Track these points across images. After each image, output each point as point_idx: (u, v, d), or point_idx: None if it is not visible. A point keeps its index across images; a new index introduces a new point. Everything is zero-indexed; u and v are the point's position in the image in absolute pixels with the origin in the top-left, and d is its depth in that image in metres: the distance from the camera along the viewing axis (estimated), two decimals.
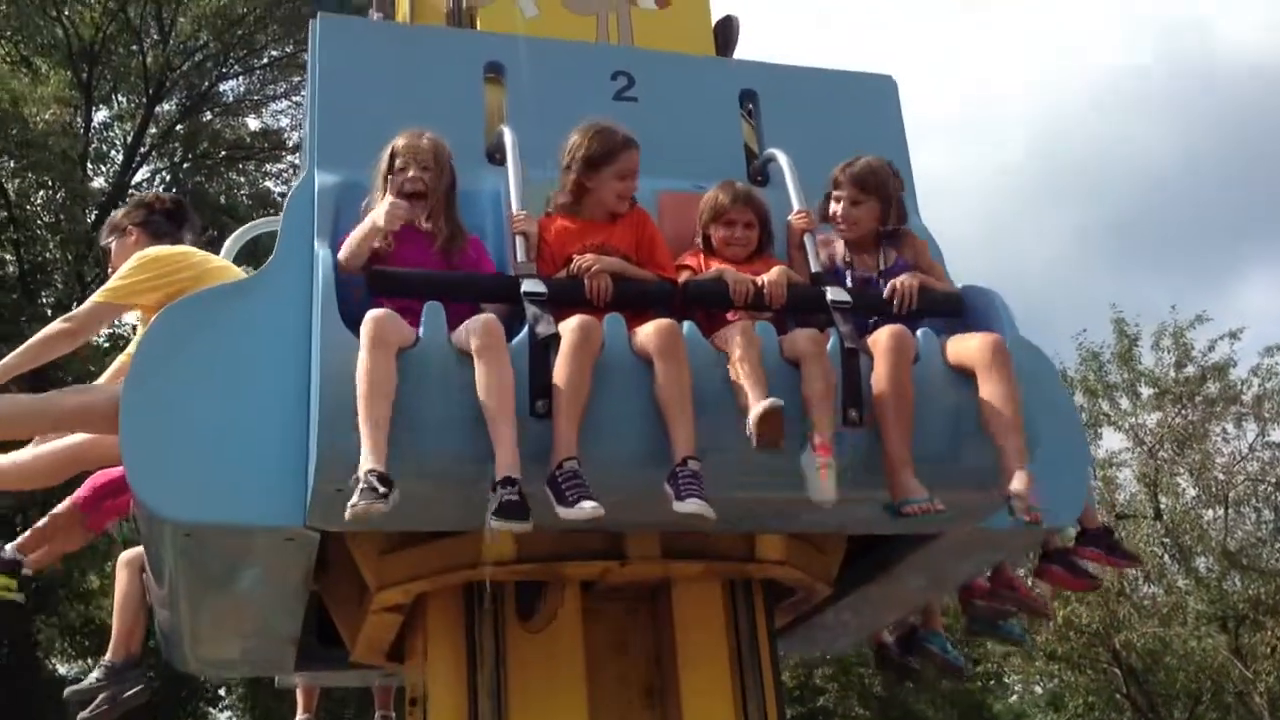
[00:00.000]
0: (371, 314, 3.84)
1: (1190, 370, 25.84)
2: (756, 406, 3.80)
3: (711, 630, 4.79)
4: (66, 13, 22.24)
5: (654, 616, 4.88)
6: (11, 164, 21.94)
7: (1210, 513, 25.64)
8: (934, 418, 4.21)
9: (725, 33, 5.83)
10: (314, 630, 5.68)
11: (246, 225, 5.17)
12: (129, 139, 23.63)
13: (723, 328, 4.18)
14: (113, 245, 5.22)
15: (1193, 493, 25.89)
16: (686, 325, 4.07)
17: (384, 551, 4.67)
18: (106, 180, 23.59)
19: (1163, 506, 25.51)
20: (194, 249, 5.03)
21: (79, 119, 22.78)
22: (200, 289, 4.49)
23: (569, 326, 3.91)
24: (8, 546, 4.99)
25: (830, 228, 4.69)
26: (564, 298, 4.08)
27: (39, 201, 23.36)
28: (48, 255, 23.74)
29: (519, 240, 4.23)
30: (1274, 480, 24.98)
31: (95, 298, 4.73)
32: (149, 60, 23.23)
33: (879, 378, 4.13)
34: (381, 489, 3.56)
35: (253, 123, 25.78)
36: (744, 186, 4.65)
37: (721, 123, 5.02)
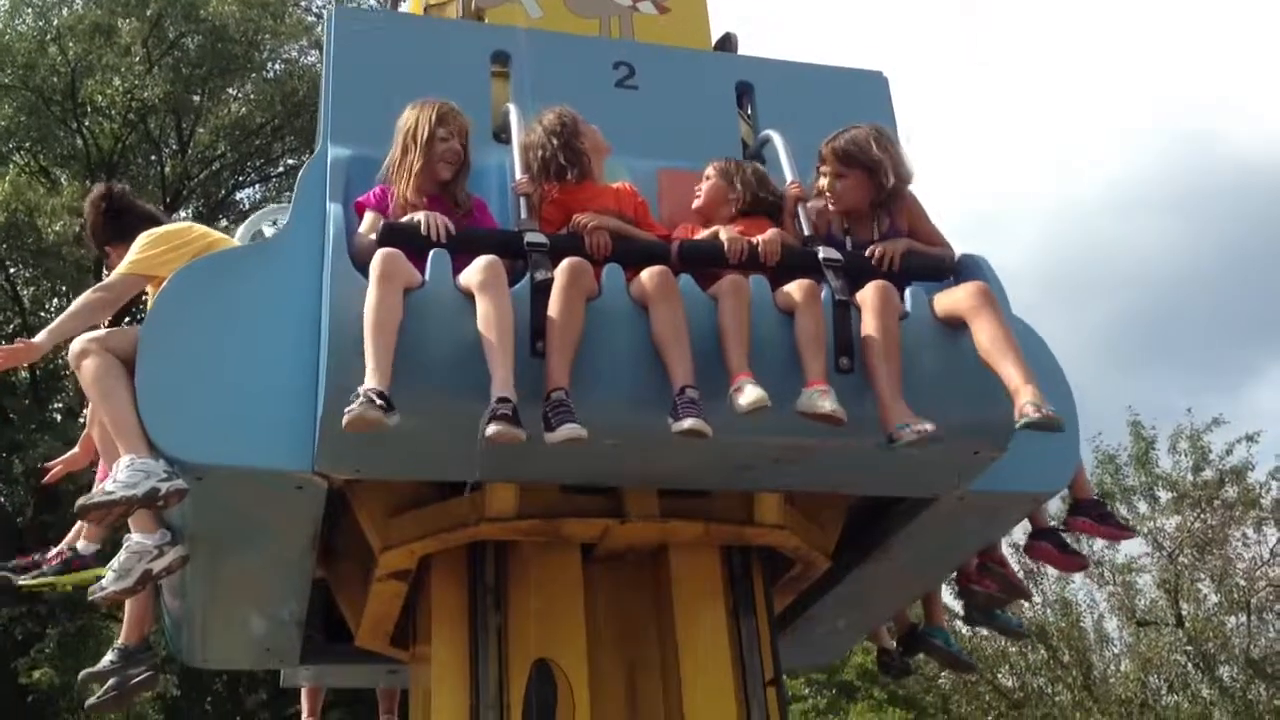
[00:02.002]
0: (380, 251, 4.04)
1: (1208, 474, 25.48)
2: (748, 394, 3.94)
3: (709, 599, 4.88)
4: (87, 124, 22.78)
5: (654, 585, 4.96)
6: (26, 272, 22.27)
7: (1233, 620, 25.16)
8: (926, 371, 4.35)
9: (724, 49, 6.10)
10: (320, 627, 5.76)
11: (256, 214, 5.39)
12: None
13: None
14: (110, 252, 5.48)
15: (1214, 599, 25.43)
16: (682, 277, 4.25)
17: (389, 514, 4.78)
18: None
19: (1184, 613, 25.15)
20: (196, 224, 5.28)
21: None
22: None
23: (560, 268, 4.11)
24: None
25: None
26: (564, 250, 4.25)
27: (52, 309, 23.64)
28: (58, 362, 23.96)
29: (522, 201, 4.47)
30: None
31: (120, 269, 4.92)
32: (167, 170, 23.76)
33: (866, 326, 4.28)
34: (379, 402, 3.69)
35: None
36: (737, 161, 4.87)
37: (718, 110, 5.27)
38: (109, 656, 5.44)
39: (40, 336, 4.66)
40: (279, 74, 23.46)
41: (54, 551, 5.31)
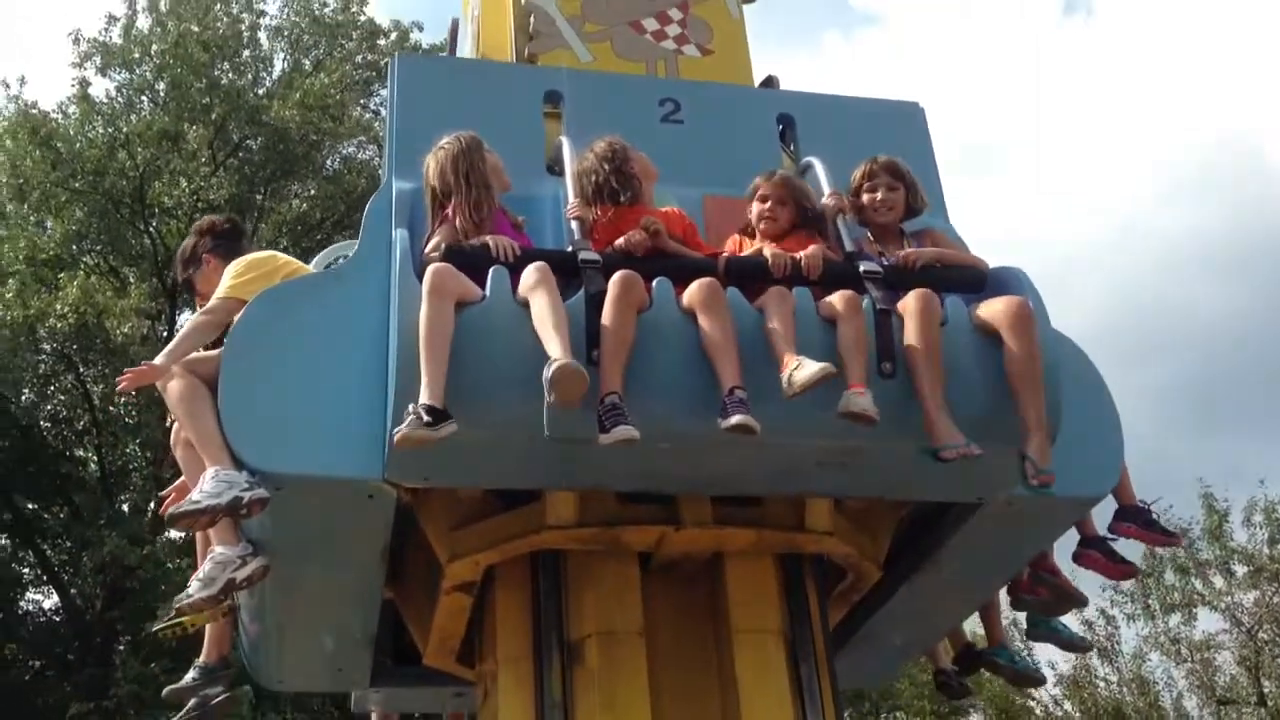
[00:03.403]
0: (431, 268, 4.33)
1: None
2: (808, 367, 4.16)
3: (765, 607, 5.04)
4: (154, 225, 23.47)
5: (710, 598, 5.13)
6: (94, 371, 22.81)
7: None
8: (965, 377, 4.55)
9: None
10: (389, 651, 5.98)
11: (331, 247, 5.74)
12: None
13: None
14: (194, 275, 5.78)
15: None
16: (729, 290, 4.50)
17: (454, 527, 5.01)
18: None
19: (1266, 691, 24.72)
20: (279, 253, 5.61)
21: (163, 323, 23.75)
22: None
23: (612, 280, 4.38)
24: None
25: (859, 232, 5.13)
26: (616, 267, 4.50)
27: (120, 405, 24.15)
28: (128, 455, 24.39)
29: (575, 224, 4.74)
30: None
31: (219, 294, 5.24)
32: None
33: (909, 333, 4.50)
34: (428, 419, 3.97)
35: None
36: (780, 170, 5.13)
37: (760, 140, 5.54)
38: (191, 674, 5.69)
39: (160, 358, 4.96)
40: (337, 170, 24.13)
41: None
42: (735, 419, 4.09)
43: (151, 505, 22.39)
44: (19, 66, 46.11)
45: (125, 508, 22.24)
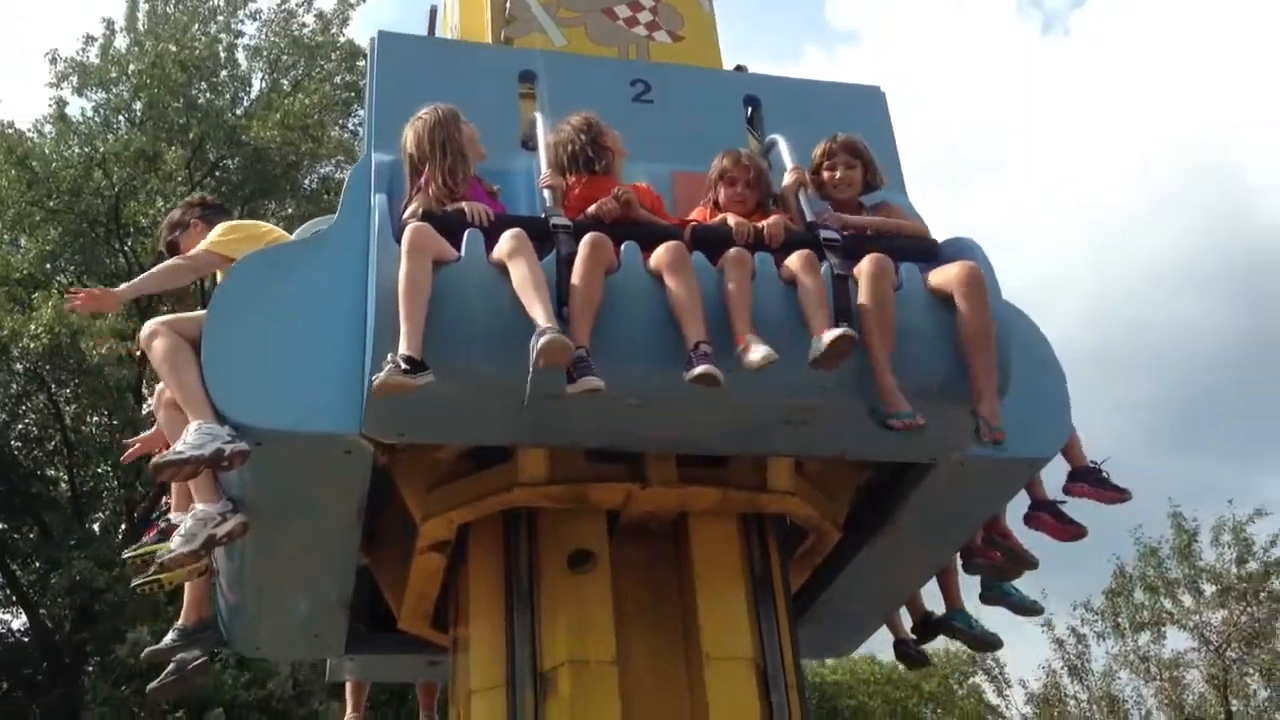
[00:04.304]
0: (411, 226, 4.53)
1: (1252, 566, 25.67)
2: (756, 350, 4.37)
3: (728, 568, 5.24)
4: (129, 244, 23.46)
5: (675, 556, 5.32)
6: (67, 391, 22.77)
7: None
8: (919, 340, 4.76)
9: None
10: (364, 619, 6.13)
11: (311, 221, 5.92)
12: None
13: None
14: (179, 237, 5.95)
15: (1265, 694, 25.37)
16: (695, 254, 4.71)
17: (429, 488, 5.19)
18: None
19: (1234, 710, 24.94)
20: (265, 222, 5.81)
21: (135, 342, 23.68)
22: None
23: (582, 241, 4.59)
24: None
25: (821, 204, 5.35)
26: (586, 231, 4.70)
27: (92, 426, 24.03)
28: (99, 476, 24.29)
29: (547, 193, 4.96)
30: None
31: (202, 247, 5.47)
32: (207, 284, 24.47)
33: (862, 293, 4.72)
34: (406, 367, 4.15)
35: None
36: (746, 151, 5.35)
37: (727, 120, 5.76)
38: (170, 636, 5.83)
39: (121, 288, 5.13)
40: (316, 190, 24.24)
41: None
42: (699, 369, 4.29)
43: (123, 527, 22.44)
44: None
45: (95, 528, 22.27)
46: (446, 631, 5.74)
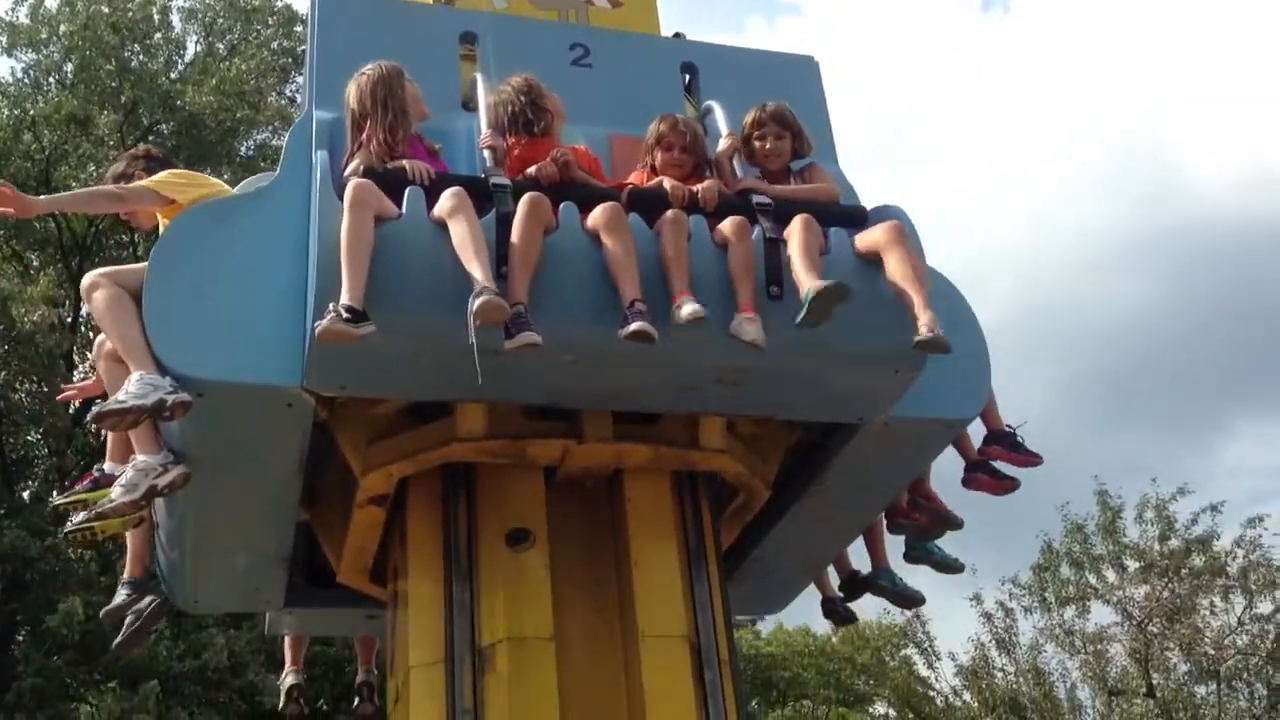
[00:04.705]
0: (353, 182, 4.61)
1: (1175, 543, 25.90)
2: (687, 308, 4.52)
3: (661, 522, 5.37)
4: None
5: (610, 515, 5.45)
6: None
7: (1203, 689, 25.41)
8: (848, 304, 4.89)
9: None
10: (303, 574, 6.22)
11: (251, 178, 5.97)
12: None
13: None
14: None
15: (1184, 668, 25.67)
16: (631, 216, 4.83)
17: (369, 441, 5.27)
18: (93, 366, 24.19)
19: (1155, 683, 25.41)
20: (210, 178, 5.84)
21: (67, 309, 23.43)
22: None
23: (521, 200, 4.70)
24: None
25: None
26: (525, 191, 4.80)
27: (23, 392, 23.72)
28: (29, 443, 24.03)
29: (487, 153, 5.05)
30: (1264, 654, 24.83)
31: (140, 183, 5.48)
32: (140, 250, 24.21)
33: (791, 248, 4.85)
34: (348, 316, 4.24)
35: None
36: (683, 116, 5.47)
37: (664, 86, 5.88)
38: (121, 592, 5.89)
39: (42, 198, 5.14)
40: (252, 157, 24.04)
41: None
42: (634, 326, 4.42)
43: (54, 495, 22.18)
44: None
45: (26, 496, 22.01)
46: (385, 586, 5.83)
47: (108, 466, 5.40)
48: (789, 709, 32.19)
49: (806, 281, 4.62)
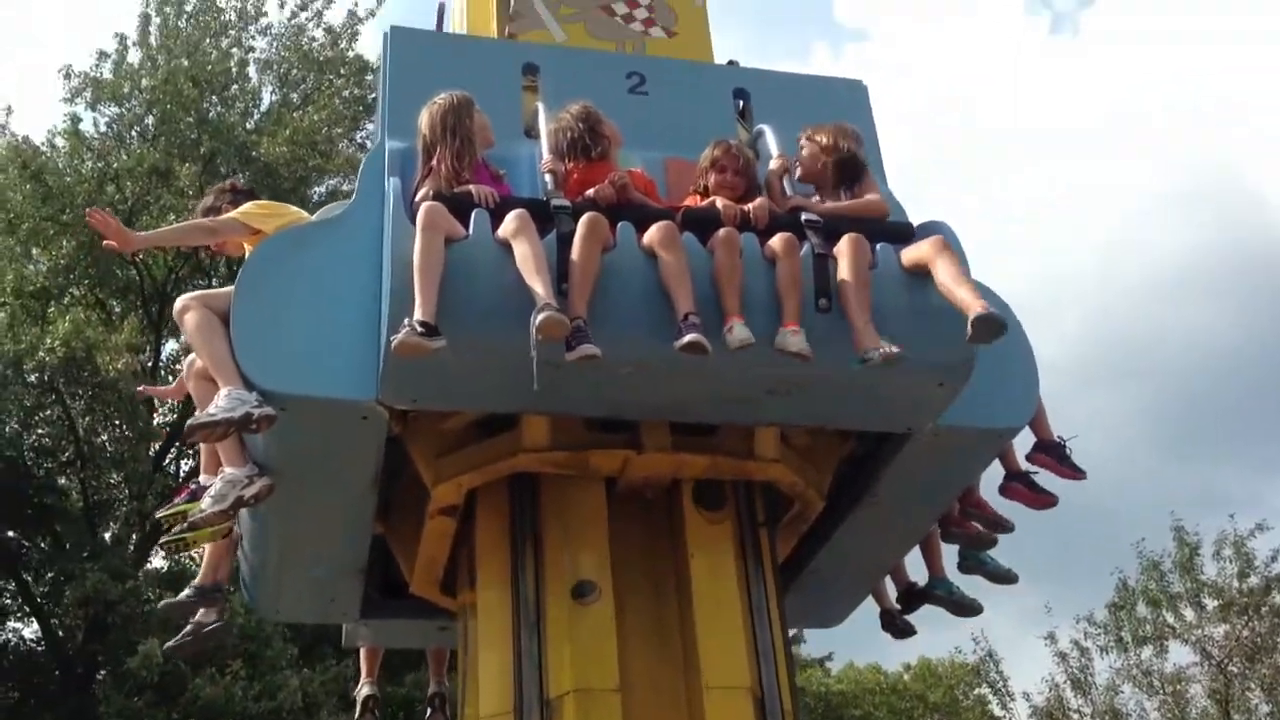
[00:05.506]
0: (424, 205, 4.90)
1: (1254, 580, 25.76)
2: (738, 334, 4.76)
3: (718, 530, 5.57)
4: (141, 257, 23.72)
5: (669, 527, 5.68)
6: (81, 404, 23.02)
7: None
8: (895, 316, 5.08)
9: None
10: (378, 587, 6.49)
11: (326, 206, 6.29)
12: None
13: None
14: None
15: (1266, 709, 25.34)
16: (685, 234, 5.08)
17: (439, 454, 5.55)
18: (172, 409, 24.67)
19: None
20: (291, 206, 6.19)
21: (147, 352, 23.93)
22: None
23: (580, 221, 4.96)
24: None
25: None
26: (584, 212, 5.04)
27: (106, 438, 24.19)
28: (111, 487, 24.44)
29: (548, 177, 5.33)
30: None
31: (229, 215, 5.85)
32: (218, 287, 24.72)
33: (842, 269, 5.07)
34: (422, 330, 4.51)
35: None
36: (735, 140, 5.72)
37: (717, 110, 6.14)
38: (186, 592, 6.19)
39: (141, 234, 5.52)
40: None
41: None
42: (688, 338, 4.66)
43: (134, 537, 22.71)
44: (4, 95, 46.54)
45: (107, 537, 22.50)
46: (455, 596, 6.08)
47: (203, 479, 5.69)
48: None
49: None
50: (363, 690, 7.54)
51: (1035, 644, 27.90)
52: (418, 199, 5.10)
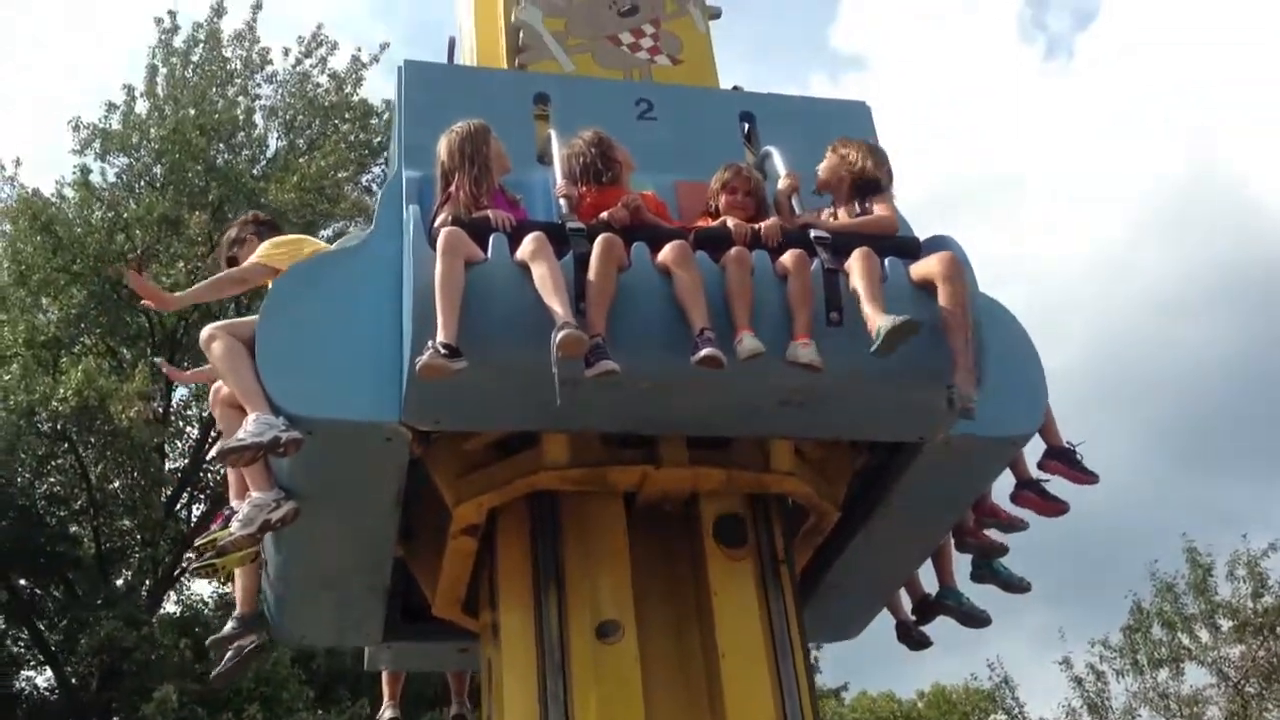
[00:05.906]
0: (444, 230, 5.03)
1: (1268, 600, 25.72)
2: (747, 344, 4.89)
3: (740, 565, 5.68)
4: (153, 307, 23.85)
5: (689, 540, 5.77)
6: (93, 452, 23.10)
7: None
8: None
9: None
10: (400, 610, 6.58)
11: (346, 235, 6.44)
12: (205, 414, 25.08)
13: None
14: (237, 253, 6.46)
15: None
16: (698, 253, 5.21)
17: (460, 474, 5.66)
18: (183, 454, 24.79)
19: None
20: (309, 237, 6.32)
21: (158, 400, 24.01)
22: None
23: (596, 241, 5.10)
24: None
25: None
26: (599, 234, 5.18)
27: (116, 485, 24.22)
28: (124, 533, 24.45)
29: (562, 201, 5.48)
30: None
31: (252, 260, 5.99)
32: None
33: (854, 279, 5.20)
34: (444, 352, 4.64)
35: None
36: (745, 164, 5.88)
37: (724, 134, 6.31)
38: (230, 624, 6.30)
39: (177, 295, 5.63)
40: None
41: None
42: (704, 352, 4.79)
43: (147, 584, 22.76)
44: (13, 147, 46.81)
45: (120, 584, 22.53)
46: (477, 617, 6.17)
47: (234, 503, 5.80)
48: None
49: (876, 318, 4.94)
50: (385, 714, 7.64)
51: (1050, 669, 27.85)
52: (437, 224, 5.22)
